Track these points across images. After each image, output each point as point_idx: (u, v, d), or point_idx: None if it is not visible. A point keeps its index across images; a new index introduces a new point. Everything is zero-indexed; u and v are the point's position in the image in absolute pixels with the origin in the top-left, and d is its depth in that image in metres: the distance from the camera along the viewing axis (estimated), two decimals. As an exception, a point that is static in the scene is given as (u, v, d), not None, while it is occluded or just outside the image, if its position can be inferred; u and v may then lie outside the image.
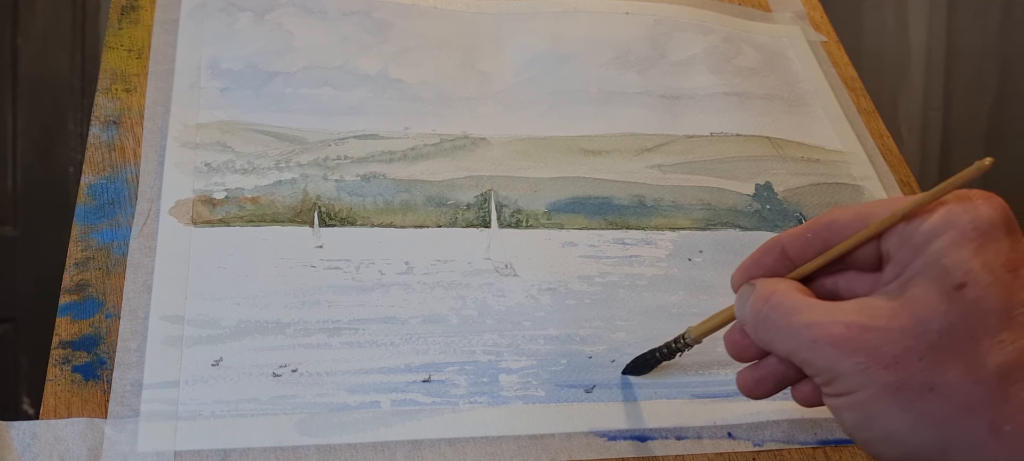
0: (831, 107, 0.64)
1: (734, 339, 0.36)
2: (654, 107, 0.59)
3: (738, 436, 0.44)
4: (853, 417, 0.31)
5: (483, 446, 0.41)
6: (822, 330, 0.31)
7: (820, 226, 0.34)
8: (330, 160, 0.51)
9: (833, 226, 0.34)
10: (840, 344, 0.31)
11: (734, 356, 0.37)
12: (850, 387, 0.31)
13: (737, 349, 0.36)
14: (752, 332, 0.34)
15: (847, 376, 0.31)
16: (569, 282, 0.49)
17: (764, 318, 0.33)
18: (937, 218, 0.31)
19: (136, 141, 0.50)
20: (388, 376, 0.43)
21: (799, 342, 0.32)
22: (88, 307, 0.43)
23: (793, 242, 0.35)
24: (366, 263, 0.47)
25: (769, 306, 0.33)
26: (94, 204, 0.47)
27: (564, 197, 0.53)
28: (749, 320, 0.34)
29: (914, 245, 0.31)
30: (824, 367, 0.31)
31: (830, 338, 0.31)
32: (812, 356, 0.32)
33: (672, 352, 0.42)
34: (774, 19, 0.70)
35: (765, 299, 0.34)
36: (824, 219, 0.34)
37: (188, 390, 0.41)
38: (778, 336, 0.33)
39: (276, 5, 0.58)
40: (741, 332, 0.36)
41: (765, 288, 0.34)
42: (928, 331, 0.30)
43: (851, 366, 0.30)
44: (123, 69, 0.53)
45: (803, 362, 0.32)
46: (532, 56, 0.60)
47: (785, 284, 0.34)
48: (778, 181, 0.57)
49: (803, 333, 0.32)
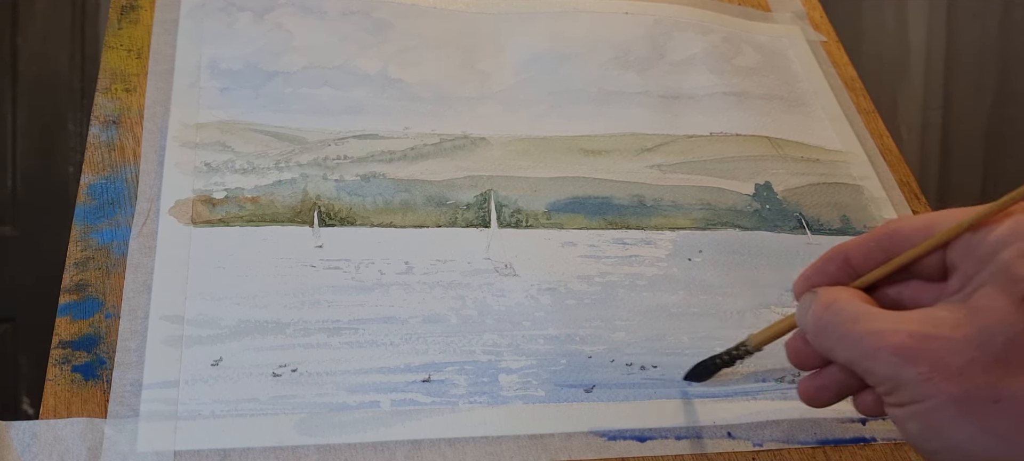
0: (831, 107, 0.64)
1: (796, 347, 0.36)
2: (654, 107, 0.59)
3: (738, 436, 0.44)
4: (916, 427, 0.31)
5: (483, 446, 0.41)
6: (885, 339, 0.31)
7: (884, 235, 0.34)
8: (330, 160, 0.51)
9: (897, 235, 0.34)
10: (903, 353, 0.30)
11: (795, 364, 0.36)
12: (913, 397, 0.30)
13: (798, 357, 0.36)
14: (813, 340, 0.34)
15: (910, 386, 0.30)
16: (569, 282, 0.49)
17: (825, 325, 0.33)
18: (1004, 229, 0.30)
19: (136, 141, 0.50)
20: (388, 376, 0.43)
21: (861, 350, 0.32)
22: (88, 307, 0.43)
23: (857, 250, 0.35)
24: (366, 263, 0.47)
25: (831, 313, 0.33)
26: (94, 204, 0.47)
27: (564, 197, 0.53)
28: (810, 328, 0.34)
29: (981, 255, 0.31)
30: (886, 376, 0.31)
31: (893, 347, 0.30)
32: (874, 365, 0.31)
33: (732, 359, 0.42)
34: (774, 19, 0.70)
35: (826, 306, 0.33)
36: (888, 228, 0.34)
37: (188, 390, 0.41)
38: (839, 344, 0.33)
39: (276, 5, 0.58)
40: (802, 340, 0.35)
41: (827, 296, 0.34)
42: (993, 342, 0.29)
43: (914, 376, 0.30)
44: (123, 69, 0.53)
45: (865, 371, 0.32)
46: (532, 56, 0.60)
47: (847, 292, 0.34)
48: (778, 181, 0.57)
49: (865, 341, 0.31)
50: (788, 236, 0.54)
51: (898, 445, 0.46)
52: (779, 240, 0.54)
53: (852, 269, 0.35)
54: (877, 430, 0.46)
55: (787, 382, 0.46)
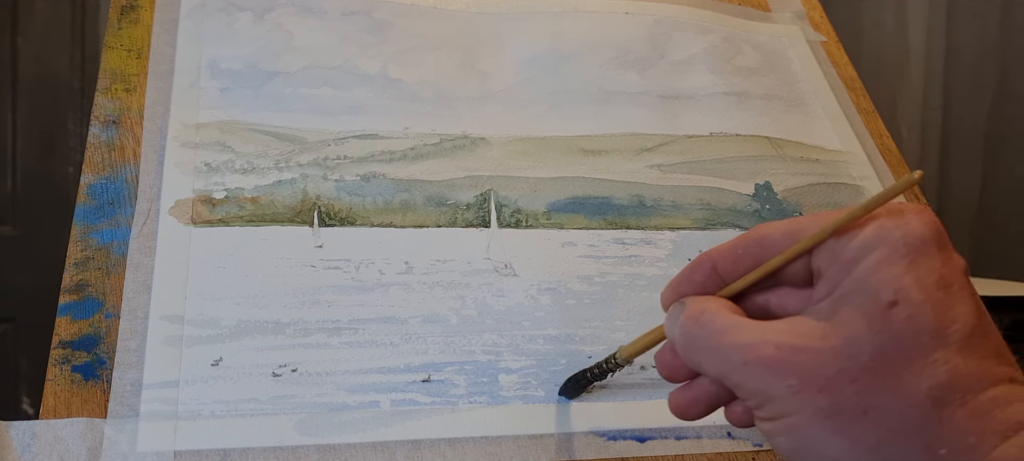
0: (831, 107, 0.64)
1: (665, 359, 0.35)
2: (654, 107, 0.59)
3: (738, 436, 0.44)
4: (786, 442, 0.30)
5: (483, 446, 0.41)
6: (753, 352, 0.30)
7: (750, 242, 0.33)
8: (330, 160, 0.51)
9: (764, 242, 0.33)
10: (771, 366, 0.29)
11: (665, 376, 0.35)
12: (782, 411, 0.30)
13: (668, 369, 0.35)
14: (682, 353, 0.33)
15: (779, 399, 0.29)
16: (569, 282, 0.49)
17: (694, 338, 0.32)
18: (868, 234, 0.30)
19: (136, 141, 0.50)
20: (388, 376, 0.43)
21: (730, 364, 0.31)
22: (88, 307, 0.43)
23: (723, 258, 0.34)
24: (366, 263, 0.47)
25: (699, 326, 0.32)
26: (94, 204, 0.47)
27: (564, 197, 0.53)
28: (679, 340, 0.33)
29: (845, 262, 0.30)
30: (755, 390, 0.30)
31: (761, 360, 0.30)
32: (743, 379, 0.30)
33: (603, 373, 0.42)
34: (774, 19, 0.70)
35: (695, 319, 0.32)
36: (754, 235, 0.33)
37: (188, 390, 0.41)
38: (708, 357, 0.32)
39: (276, 5, 0.58)
40: (672, 352, 0.34)
41: (695, 307, 0.33)
42: (860, 352, 0.28)
43: (783, 389, 0.29)
44: (123, 69, 0.53)
45: (734, 385, 0.31)
46: (532, 56, 0.60)
47: (715, 303, 0.33)
48: (778, 181, 0.57)
49: (733, 355, 0.31)
50: (788, 236, 0.54)
51: (898, 445, 0.46)
52: (779, 240, 0.54)
53: (719, 277, 0.34)
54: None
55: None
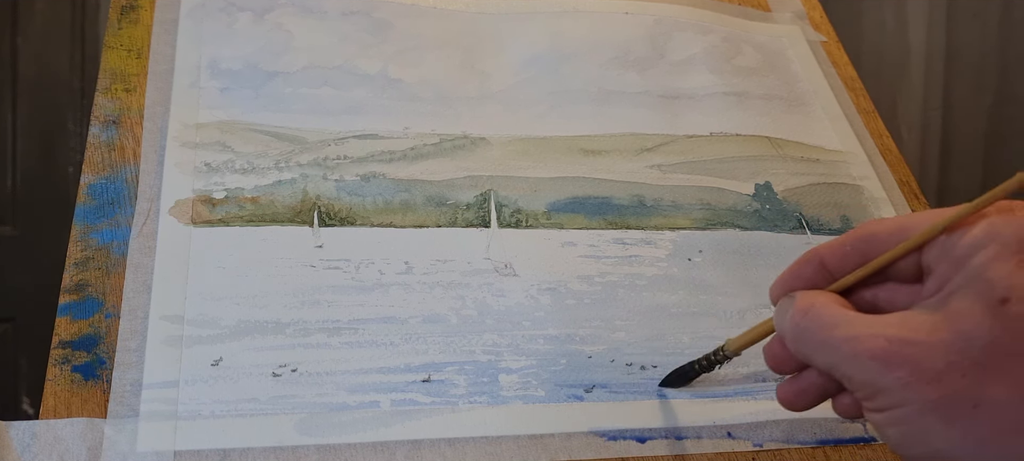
0: (831, 107, 0.64)
1: (773, 351, 0.36)
2: (654, 107, 0.59)
3: (738, 436, 0.44)
4: (896, 433, 0.31)
5: (483, 446, 0.41)
6: (863, 344, 0.31)
7: (859, 238, 0.34)
8: (330, 160, 0.51)
9: (873, 238, 0.34)
10: (882, 358, 0.30)
11: (773, 368, 0.36)
12: (892, 402, 0.30)
13: (777, 362, 0.36)
14: (792, 345, 0.34)
15: (889, 391, 0.30)
16: (569, 282, 0.49)
17: (804, 331, 0.33)
18: (979, 231, 0.30)
19: (136, 141, 0.50)
20: (388, 376, 0.43)
21: (839, 356, 0.31)
22: (88, 307, 0.43)
23: (832, 254, 0.34)
24: (366, 263, 0.47)
25: (808, 319, 0.33)
26: (94, 204, 0.47)
27: (564, 197, 0.53)
28: (789, 333, 0.34)
29: (955, 258, 0.31)
30: (865, 382, 0.31)
31: (871, 353, 0.30)
32: (853, 371, 0.31)
33: (711, 364, 0.42)
34: (774, 19, 0.70)
35: (804, 312, 0.33)
36: (863, 231, 0.34)
37: (188, 390, 0.41)
38: (818, 350, 0.33)
39: (276, 5, 0.58)
40: (780, 344, 0.35)
41: (804, 301, 0.34)
42: (972, 346, 0.29)
43: (893, 381, 0.30)
44: (123, 69, 0.53)
45: (844, 376, 0.32)
46: (532, 56, 0.60)
47: (824, 297, 0.34)
48: (778, 181, 0.57)
49: (843, 347, 0.31)
50: (788, 236, 0.54)
51: (898, 445, 0.46)
52: (779, 240, 0.54)
53: (828, 272, 0.35)
54: (877, 430, 0.46)
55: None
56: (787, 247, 0.54)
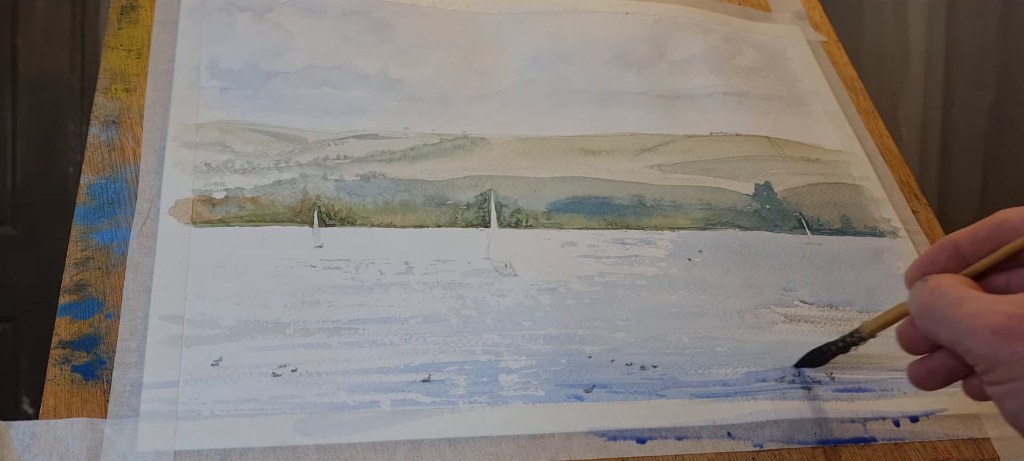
0: (831, 107, 0.64)
1: (906, 332, 0.38)
2: (654, 107, 0.59)
3: (738, 436, 0.44)
4: (1012, 405, 0.32)
5: (483, 446, 0.41)
6: (983, 319, 0.32)
7: (991, 225, 0.36)
8: (330, 160, 0.51)
9: (1005, 225, 0.35)
10: (1000, 332, 0.32)
11: (906, 349, 0.38)
12: (1010, 375, 0.32)
13: (909, 342, 0.38)
14: (918, 322, 0.36)
15: (1006, 364, 0.32)
16: (569, 282, 0.49)
17: (930, 308, 0.35)
18: None
19: (136, 141, 0.50)
20: (387, 376, 0.43)
21: (961, 330, 0.33)
22: (88, 307, 0.43)
23: (966, 240, 0.36)
24: (366, 263, 0.47)
25: (935, 297, 0.35)
26: (94, 204, 0.47)
27: (564, 197, 0.53)
28: (916, 311, 0.36)
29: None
30: (984, 355, 0.32)
31: (990, 326, 0.32)
32: (973, 344, 0.33)
33: (847, 346, 0.44)
34: (774, 19, 0.70)
35: (932, 290, 0.35)
36: (995, 218, 0.36)
37: (188, 390, 0.41)
38: (942, 325, 0.34)
39: (276, 5, 0.58)
40: (912, 325, 0.37)
41: (933, 281, 0.35)
42: None
43: (1009, 354, 0.31)
44: (123, 69, 0.53)
45: (965, 351, 0.33)
46: (532, 56, 0.60)
47: (952, 278, 0.35)
48: (778, 181, 0.57)
49: (964, 322, 0.33)
50: (788, 236, 0.54)
51: (898, 445, 0.46)
52: (779, 240, 0.54)
53: (962, 258, 0.37)
54: (877, 430, 0.46)
55: (787, 382, 0.46)
56: (787, 247, 0.54)
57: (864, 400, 0.47)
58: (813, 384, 0.47)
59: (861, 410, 0.46)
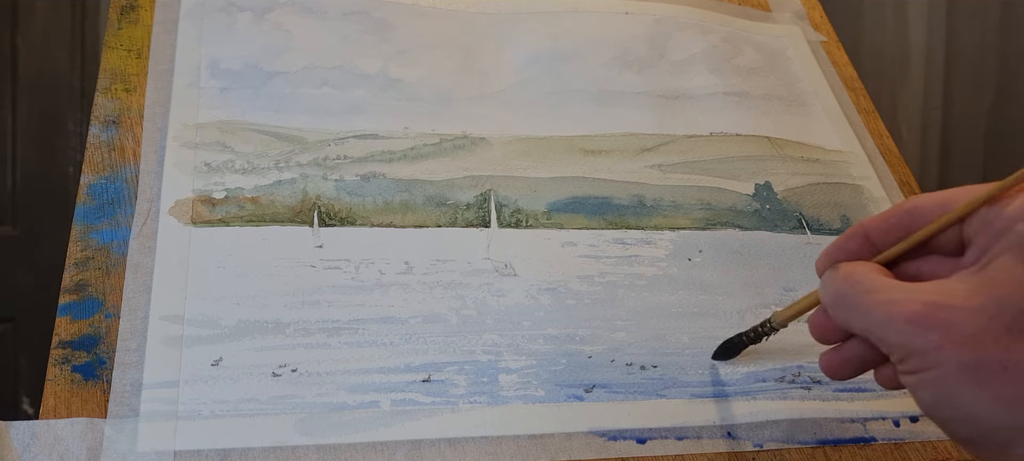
0: (831, 107, 0.64)
1: (818, 321, 0.37)
2: (654, 107, 0.59)
3: (738, 436, 0.44)
4: (928, 395, 0.32)
5: (483, 446, 0.41)
6: (898, 308, 0.32)
7: (902, 212, 0.35)
8: (330, 160, 0.51)
9: (916, 212, 0.35)
10: (915, 321, 0.31)
11: (818, 338, 0.37)
12: (925, 365, 0.31)
13: (821, 331, 0.37)
14: (831, 311, 0.35)
15: (922, 354, 0.31)
16: (569, 282, 0.49)
17: (842, 296, 0.34)
18: (1020, 202, 0.32)
19: (136, 141, 0.50)
20: (387, 376, 0.43)
21: (875, 319, 0.33)
22: (88, 307, 0.43)
23: (876, 227, 0.36)
24: (366, 263, 0.47)
25: (848, 285, 0.34)
26: (94, 204, 0.47)
27: (564, 197, 0.53)
28: (829, 300, 0.35)
29: (997, 229, 0.32)
30: (899, 344, 0.32)
31: (905, 315, 0.31)
32: (887, 333, 0.32)
33: (758, 336, 0.44)
34: (774, 19, 0.70)
35: (845, 278, 0.34)
36: (907, 204, 0.35)
37: (188, 390, 0.41)
38: (855, 314, 0.34)
39: (276, 5, 0.58)
40: (825, 314, 0.37)
41: (845, 269, 0.35)
42: (1005, 311, 0.30)
43: (925, 343, 0.31)
44: (123, 69, 0.53)
45: (879, 340, 0.33)
46: (532, 56, 0.60)
47: (865, 266, 0.35)
48: (778, 181, 0.57)
49: (879, 311, 0.32)
50: (788, 236, 0.54)
51: (898, 445, 0.46)
52: (779, 240, 0.54)
53: (873, 245, 0.36)
54: (877, 430, 0.46)
55: (787, 382, 0.46)
56: (787, 247, 0.54)
57: (864, 400, 0.47)
58: (813, 384, 0.47)
59: (861, 410, 0.46)
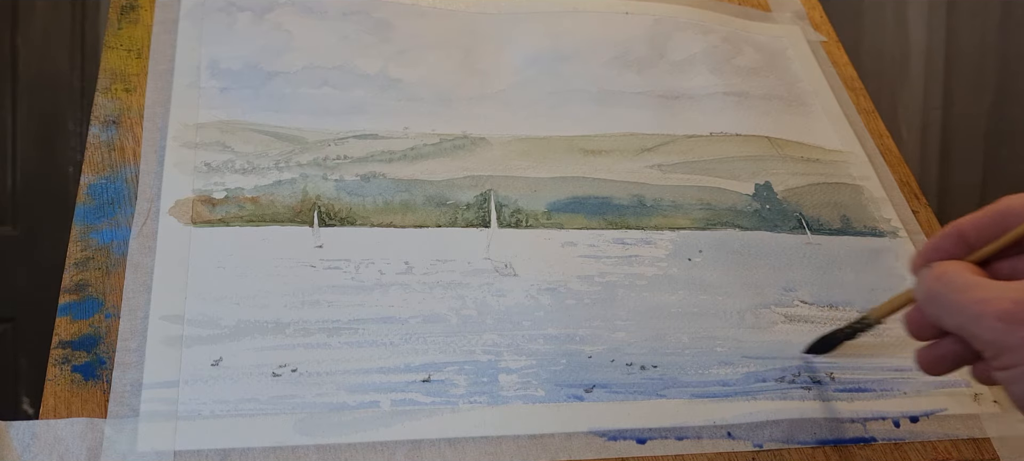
0: (831, 107, 0.64)
1: (913, 318, 0.38)
2: (654, 107, 0.59)
3: (738, 436, 0.44)
4: (1020, 389, 0.32)
5: (483, 446, 0.41)
6: (990, 306, 0.32)
7: (996, 212, 0.36)
8: (330, 160, 0.51)
9: (1009, 211, 0.36)
10: (1006, 317, 0.32)
11: (913, 335, 0.38)
12: (1017, 360, 0.32)
13: (916, 328, 0.38)
14: (925, 308, 0.36)
15: (1013, 349, 0.32)
16: (569, 282, 0.49)
17: (936, 294, 0.35)
18: None
19: (136, 141, 0.50)
20: (387, 376, 0.43)
21: (967, 316, 0.33)
22: (88, 307, 0.43)
23: (971, 226, 0.37)
24: (366, 263, 0.47)
25: (940, 283, 0.35)
26: (94, 204, 0.47)
27: (564, 197, 0.53)
28: (923, 298, 0.36)
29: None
30: (991, 341, 0.32)
31: (997, 312, 0.32)
32: (979, 330, 0.33)
33: (854, 332, 0.45)
34: (774, 19, 0.70)
35: (937, 277, 0.35)
36: (1000, 205, 0.36)
37: (188, 390, 0.41)
38: (948, 311, 0.34)
39: (276, 5, 0.58)
40: (919, 312, 0.37)
41: (939, 268, 0.36)
42: None
43: (1017, 340, 0.31)
44: (123, 69, 0.53)
45: (971, 336, 0.33)
46: (532, 56, 0.60)
47: (958, 264, 0.36)
48: (778, 181, 0.57)
49: (971, 308, 0.33)
50: (788, 236, 0.54)
51: (898, 445, 0.46)
52: (779, 240, 0.54)
53: (967, 244, 0.37)
54: (877, 430, 0.46)
55: (787, 382, 0.46)
56: (787, 247, 0.54)
57: (864, 400, 0.47)
58: (813, 384, 0.47)
59: (861, 410, 0.46)
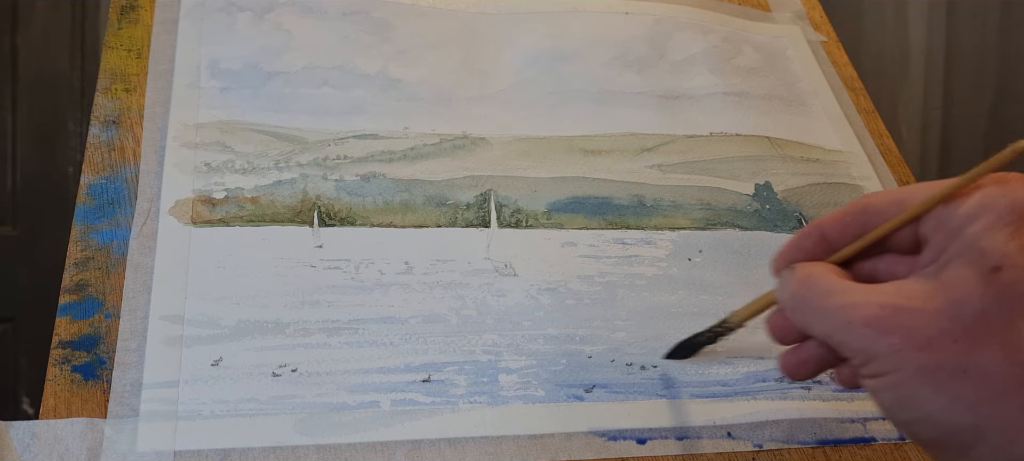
0: (831, 107, 0.64)
1: (776, 322, 0.37)
2: (654, 107, 0.59)
3: (738, 436, 0.44)
4: (888, 398, 0.31)
5: (483, 446, 0.41)
6: (857, 311, 0.31)
7: (857, 210, 0.35)
8: (330, 160, 0.51)
9: (870, 210, 0.35)
10: (875, 325, 0.31)
11: (776, 339, 0.37)
12: (885, 368, 0.31)
13: (779, 332, 0.37)
14: (790, 314, 0.35)
15: (882, 357, 0.31)
16: (569, 282, 0.49)
17: (801, 300, 0.34)
18: (974, 202, 0.31)
19: (136, 141, 0.50)
20: (387, 376, 0.43)
21: (834, 323, 0.32)
22: (88, 307, 0.43)
23: (832, 226, 0.35)
24: (366, 263, 0.47)
25: (806, 288, 0.34)
26: (94, 204, 0.47)
27: (564, 197, 0.53)
28: (787, 302, 0.35)
29: (951, 228, 0.31)
30: (859, 348, 0.32)
31: (865, 319, 0.31)
32: (847, 337, 0.32)
33: (715, 336, 0.43)
34: (774, 19, 0.70)
35: (802, 281, 0.34)
36: (861, 203, 0.35)
37: (188, 390, 0.41)
38: (814, 318, 0.33)
39: (276, 5, 0.58)
40: (782, 315, 0.36)
41: (802, 271, 0.34)
42: (963, 313, 0.30)
43: (885, 347, 0.31)
44: (123, 69, 0.53)
45: (839, 344, 0.33)
46: (532, 56, 0.60)
47: (822, 267, 0.34)
48: (778, 181, 0.57)
49: (838, 314, 0.32)
50: (788, 236, 0.54)
51: (898, 445, 0.46)
52: (779, 240, 0.54)
53: (828, 244, 0.36)
54: (877, 430, 0.46)
55: (787, 382, 0.46)
56: (787, 247, 0.54)
57: (864, 400, 0.47)
58: (813, 384, 0.47)
59: (861, 410, 0.46)
